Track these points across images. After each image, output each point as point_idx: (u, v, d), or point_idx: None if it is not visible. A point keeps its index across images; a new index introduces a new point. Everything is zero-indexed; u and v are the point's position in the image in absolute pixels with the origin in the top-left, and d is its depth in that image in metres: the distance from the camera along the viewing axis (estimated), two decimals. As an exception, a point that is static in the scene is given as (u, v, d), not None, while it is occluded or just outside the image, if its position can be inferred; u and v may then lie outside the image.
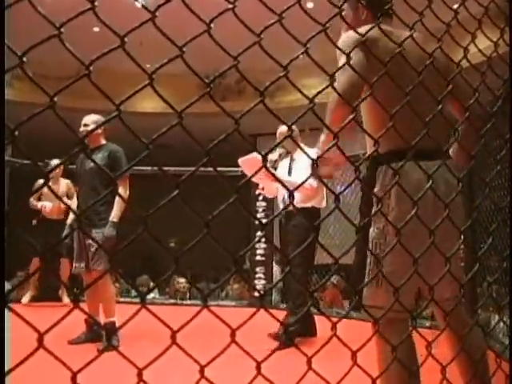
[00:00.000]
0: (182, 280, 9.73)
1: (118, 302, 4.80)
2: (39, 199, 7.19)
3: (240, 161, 4.59)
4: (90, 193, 4.36)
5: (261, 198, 8.01)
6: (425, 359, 1.44)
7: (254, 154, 4.40)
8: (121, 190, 4.32)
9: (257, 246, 7.99)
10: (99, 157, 4.39)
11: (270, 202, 8.02)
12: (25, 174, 7.97)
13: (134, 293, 9.76)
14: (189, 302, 8.73)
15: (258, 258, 7.93)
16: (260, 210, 7.95)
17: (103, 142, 4.58)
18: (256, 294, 7.86)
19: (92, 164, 4.37)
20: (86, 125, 4.51)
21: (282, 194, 4.83)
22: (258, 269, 7.88)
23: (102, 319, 4.31)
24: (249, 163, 4.43)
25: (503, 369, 1.66)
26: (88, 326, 4.40)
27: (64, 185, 7.27)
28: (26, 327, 0.83)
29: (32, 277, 6.79)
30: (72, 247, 4.60)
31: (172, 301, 8.74)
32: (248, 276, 7.85)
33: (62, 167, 7.23)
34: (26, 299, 7.20)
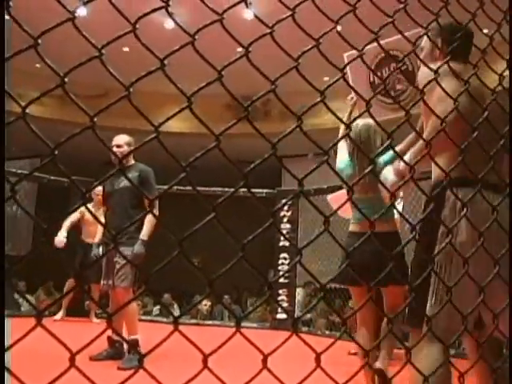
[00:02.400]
0: (205, 302, 9.70)
1: (140, 320, 4.81)
2: (78, 222, 7.19)
3: (329, 198, 4.63)
4: (120, 212, 4.41)
5: (285, 220, 7.99)
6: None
7: (343, 191, 4.50)
8: (155, 209, 4.29)
9: (280, 268, 7.95)
10: (129, 176, 4.33)
11: (294, 224, 7.99)
12: (52, 189, 8.11)
13: (155, 312, 9.75)
14: (210, 322, 8.69)
15: (281, 280, 7.87)
16: (284, 232, 7.92)
17: (132, 161, 4.63)
18: (281, 316, 7.77)
19: (123, 183, 4.45)
20: (119, 146, 4.52)
21: None
22: (280, 291, 7.82)
23: (125, 337, 4.31)
24: (337, 199, 4.50)
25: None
26: (110, 343, 4.40)
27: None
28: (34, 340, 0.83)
29: (65, 297, 6.90)
30: (100, 269, 4.64)
31: (194, 321, 8.70)
32: (272, 298, 7.79)
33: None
34: (58, 316, 7.25)
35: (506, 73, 1.65)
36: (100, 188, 7.11)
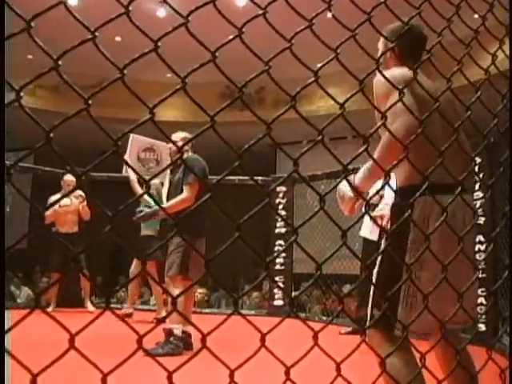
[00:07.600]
0: (201, 290, 9.74)
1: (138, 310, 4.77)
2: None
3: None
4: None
5: (281, 207, 7.99)
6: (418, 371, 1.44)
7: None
8: (186, 192, 4.33)
9: (276, 255, 7.98)
10: (181, 170, 4.47)
11: (290, 211, 8.00)
12: (47, 180, 8.10)
13: (152, 301, 9.78)
14: (207, 310, 8.72)
15: (278, 267, 7.89)
16: (279, 219, 7.92)
17: (188, 154, 4.62)
18: (278, 302, 7.83)
19: (177, 176, 4.50)
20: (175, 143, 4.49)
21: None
22: (277, 278, 7.84)
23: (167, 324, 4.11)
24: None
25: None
26: (167, 334, 4.10)
27: (76, 202, 7.33)
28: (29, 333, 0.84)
29: (52, 288, 6.94)
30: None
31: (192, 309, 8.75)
32: (269, 278, 7.81)
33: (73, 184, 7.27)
34: (51, 308, 7.26)
35: (499, 53, 1.64)
36: (71, 177, 7.09)
